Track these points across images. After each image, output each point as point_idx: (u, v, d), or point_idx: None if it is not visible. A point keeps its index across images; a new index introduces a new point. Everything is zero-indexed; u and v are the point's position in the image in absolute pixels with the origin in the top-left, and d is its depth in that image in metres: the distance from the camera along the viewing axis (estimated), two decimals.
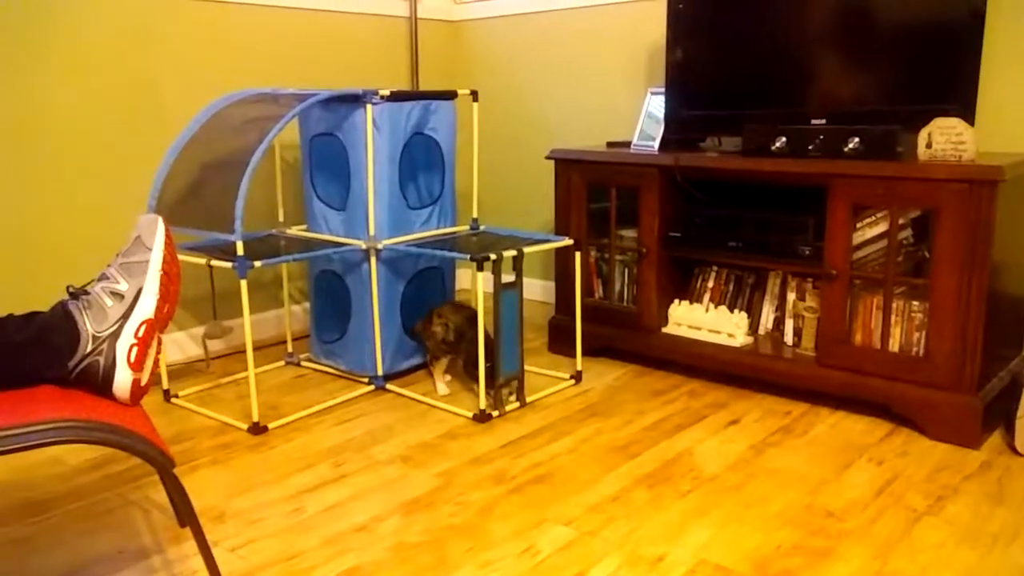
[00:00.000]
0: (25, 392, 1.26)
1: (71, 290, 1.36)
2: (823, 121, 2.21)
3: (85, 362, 1.30)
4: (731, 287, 2.49)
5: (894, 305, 2.06)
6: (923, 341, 2.03)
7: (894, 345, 2.07)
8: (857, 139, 2.08)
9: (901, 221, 2.04)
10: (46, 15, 2.25)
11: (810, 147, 2.15)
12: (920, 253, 2.09)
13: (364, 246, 2.29)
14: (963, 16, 2.00)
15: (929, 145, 2.00)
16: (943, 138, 1.97)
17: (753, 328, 2.45)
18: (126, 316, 1.33)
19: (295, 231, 2.54)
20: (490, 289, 2.15)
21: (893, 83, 2.13)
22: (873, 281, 2.10)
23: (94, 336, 1.30)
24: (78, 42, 2.32)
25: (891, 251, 2.04)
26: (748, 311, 2.45)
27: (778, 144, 2.20)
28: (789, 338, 2.36)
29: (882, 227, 2.08)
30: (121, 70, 2.42)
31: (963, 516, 1.65)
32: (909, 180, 1.96)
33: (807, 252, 2.20)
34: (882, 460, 1.90)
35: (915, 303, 2.04)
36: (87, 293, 1.35)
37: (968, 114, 1.99)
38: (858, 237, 2.10)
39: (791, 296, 2.35)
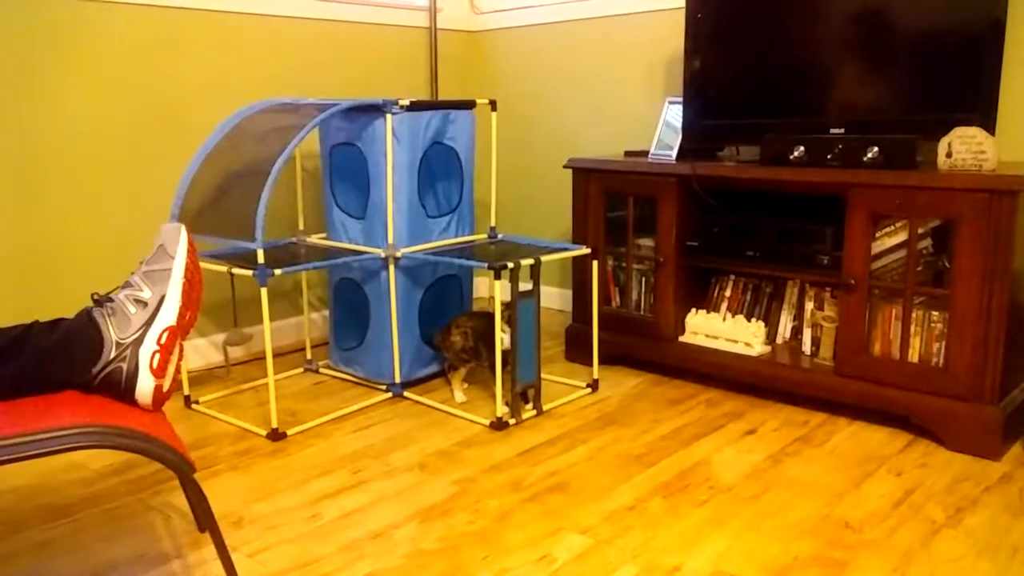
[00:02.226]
0: (49, 397, 1.28)
1: (95, 297, 1.38)
2: (842, 130, 2.20)
3: (108, 368, 1.31)
4: (748, 296, 2.49)
5: (913, 315, 2.05)
6: (943, 351, 2.01)
7: (913, 355, 2.06)
8: (876, 148, 2.08)
9: (921, 231, 2.03)
10: (73, 28, 2.29)
11: (828, 156, 2.15)
12: (940, 263, 2.08)
13: (383, 254, 2.31)
14: (983, 25, 1.99)
15: (949, 155, 1.99)
16: (963, 148, 1.97)
17: (771, 337, 2.44)
18: (149, 323, 1.35)
19: (315, 239, 2.56)
20: (507, 297, 2.15)
21: (913, 92, 2.12)
22: (892, 291, 2.09)
23: (118, 343, 1.32)
24: (105, 54, 2.36)
25: (911, 261, 2.03)
26: (766, 320, 2.44)
27: (796, 153, 2.19)
28: (807, 348, 2.35)
29: (901, 237, 2.07)
30: (146, 82, 2.45)
31: (983, 528, 1.64)
32: (929, 190, 1.95)
33: (825, 261, 2.19)
34: (901, 471, 1.89)
35: (935, 313, 2.03)
36: (111, 300, 1.37)
37: (988, 123, 1.98)
38: (877, 247, 2.10)
39: (809, 305, 2.34)
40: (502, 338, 2.15)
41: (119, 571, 1.51)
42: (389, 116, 2.26)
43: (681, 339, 2.49)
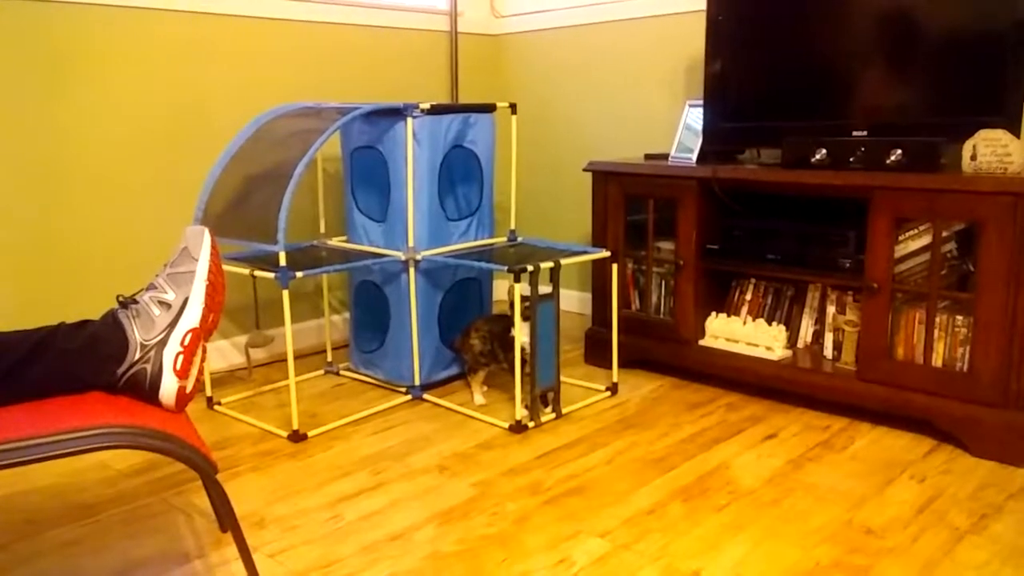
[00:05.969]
0: (75, 398, 1.30)
1: (121, 299, 1.40)
2: (864, 133, 2.19)
3: (133, 369, 1.33)
4: (769, 300, 2.47)
5: (937, 319, 2.03)
6: (967, 356, 1.99)
7: (937, 360, 2.04)
8: (900, 151, 2.06)
9: (945, 234, 2.01)
10: (98, 35, 2.32)
11: (851, 159, 2.13)
12: (964, 267, 2.06)
13: (403, 257, 2.32)
14: (1008, 26, 1.97)
15: (974, 157, 1.97)
16: (988, 150, 1.94)
17: (792, 341, 2.43)
18: (173, 325, 1.36)
19: (336, 242, 2.58)
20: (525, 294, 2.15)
21: (937, 94, 2.10)
22: (916, 295, 2.07)
23: (142, 344, 1.34)
24: (129, 59, 2.39)
25: (934, 264, 2.01)
26: (787, 324, 2.42)
27: (818, 156, 2.18)
28: (829, 352, 2.33)
29: (925, 240, 2.05)
30: (170, 86, 2.48)
31: (1007, 535, 1.62)
32: (953, 193, 1.94)
33: (848, 265, 2.17)
34: (924, 477, 1.87)
35: (959, 317, 2.00)
36: (136, 302, 1.39)
37: (1014, 126, 1.96)
38: (900, 250, 2.08)
39: (831, 309, 2.32)
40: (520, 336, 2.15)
41: (142, 570, 1.53)
42: (410, 120, 2.27)
43: (701, 343, 2.48)
